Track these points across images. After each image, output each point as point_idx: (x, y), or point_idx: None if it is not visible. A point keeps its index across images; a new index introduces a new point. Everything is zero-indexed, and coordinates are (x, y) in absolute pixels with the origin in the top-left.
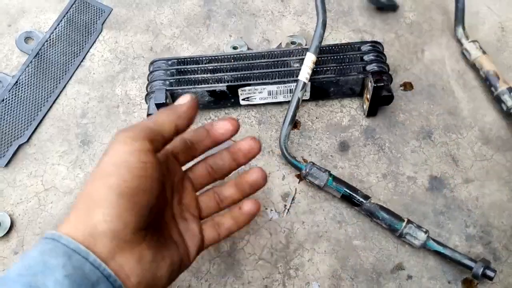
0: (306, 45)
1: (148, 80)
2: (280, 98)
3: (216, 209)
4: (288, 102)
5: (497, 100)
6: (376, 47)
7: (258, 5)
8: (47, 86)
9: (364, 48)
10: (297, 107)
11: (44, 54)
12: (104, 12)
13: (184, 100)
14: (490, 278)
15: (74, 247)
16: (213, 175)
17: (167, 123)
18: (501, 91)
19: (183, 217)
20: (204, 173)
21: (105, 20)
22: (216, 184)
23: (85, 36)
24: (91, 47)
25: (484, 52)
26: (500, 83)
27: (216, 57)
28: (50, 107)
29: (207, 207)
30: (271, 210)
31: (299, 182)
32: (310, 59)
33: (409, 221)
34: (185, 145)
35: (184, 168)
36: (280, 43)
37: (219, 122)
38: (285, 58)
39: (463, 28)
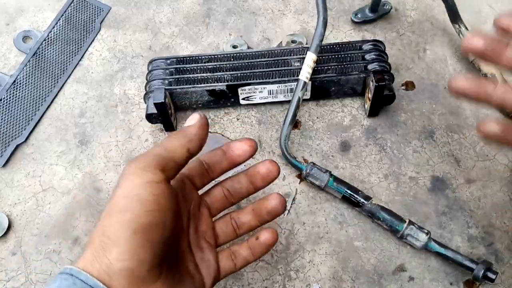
0: (306, 44)
1: (147, 79)
2: (281, 98)
3: (233, 236)
4: (288, 102)
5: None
6: (378, 46)
7: (258, 4)
8: (45, 86)
9: (366, 47)
10: (297, 107)
11: (42, 53)
12: (103, 10)
13: (193, 120)
14: (492, 280)
15: (93, 283)
16: (230, 199)
17: (179, 148)
18: None
19: (199, 247)
20: (221, 197)
21: (104, 18)
22: (232, 208)
23: (84, 35)
24: (89, 46)
25: None
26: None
27: (216, 56)
28: (48, 106)
29: (224, 234)
30: None
31: (299, 183)
32: (310, 58)
33: (410, 222)
34: (202, 168)
35: (200, 192)
36: (281, 42)
37: (236, 143)
38: (285, 57)
39: (459, 26)
